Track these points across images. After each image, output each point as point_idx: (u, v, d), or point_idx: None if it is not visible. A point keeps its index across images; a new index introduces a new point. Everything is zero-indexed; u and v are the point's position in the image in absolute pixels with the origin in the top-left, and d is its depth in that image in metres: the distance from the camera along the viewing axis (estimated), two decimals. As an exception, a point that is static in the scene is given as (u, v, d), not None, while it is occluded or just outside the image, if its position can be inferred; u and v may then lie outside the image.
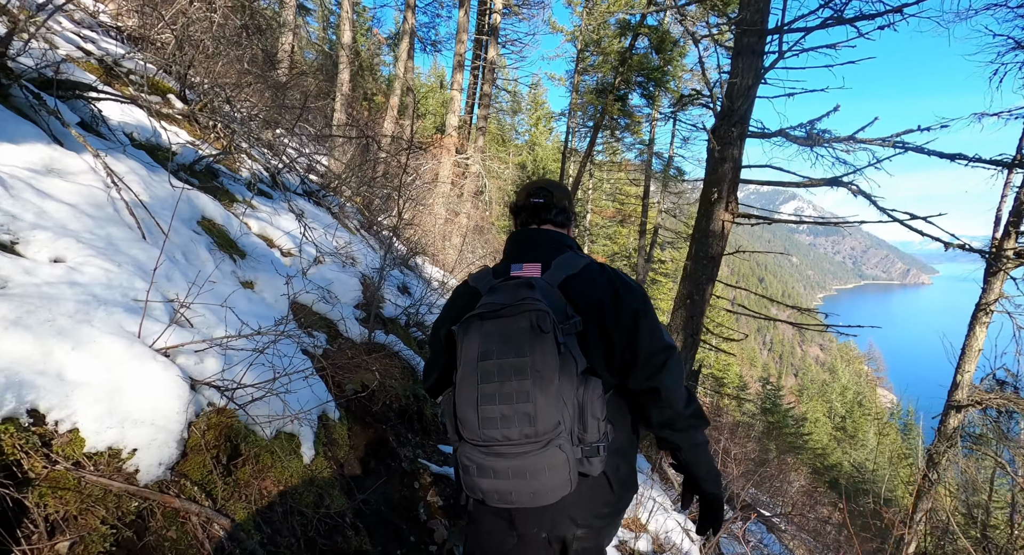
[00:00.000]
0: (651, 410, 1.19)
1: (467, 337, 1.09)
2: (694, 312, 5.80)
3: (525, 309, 1.07)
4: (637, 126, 10.55)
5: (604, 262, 1.33)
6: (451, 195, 12.18)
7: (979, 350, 6.65)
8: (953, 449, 6.72)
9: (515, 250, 1.34)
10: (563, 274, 1.21)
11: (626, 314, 1.17)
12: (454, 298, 1.36)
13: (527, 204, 1.39)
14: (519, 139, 33.26)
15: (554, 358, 1.04)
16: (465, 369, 1.07)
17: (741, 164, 5.51)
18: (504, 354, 1.04)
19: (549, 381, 1.02)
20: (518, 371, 1.02)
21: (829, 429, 30.91)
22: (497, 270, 1.30)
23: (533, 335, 1.04)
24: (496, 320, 1.08)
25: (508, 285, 1.16)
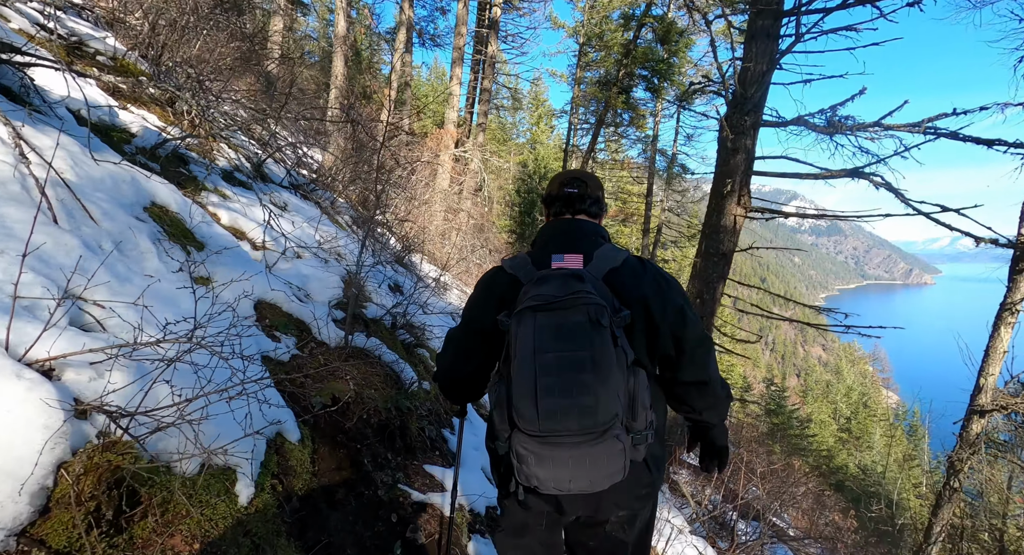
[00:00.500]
0: (696, 398, 1.28)
1: (521, 329, 1.06)
2: (704, 312, 5.47)
3: (581, 302, 1.06)
4: (641, 120, 10.23)
5: (639, 255, 1.39)
6: (450, 192, 11.87)
7: (1004, 352, 6.31)
8: (976, 456, 6.38)
9: (553, 240, 1.30)
10: (606, 266, 1.20)
11: (672, 310, 1.19)
12: (490, 283, 1.29)
13: (561, 194, 1.36)
14: (520, 138, 32.96)
15: (612, 352, 1.04)
16: (522, 362, 1.04)
17: (754, 155, 5.19)
18: (563, 348, 1.03)
19: (608, 374, 1.02)
20: (578, 364, 1.01)
21: (834, 430, 30.48)
22: (535, 259, 1.25)
23: (592, 329, 1.04)
24: (550, 313, 1.06)
25: (556, 276, 1.12)
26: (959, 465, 6.66)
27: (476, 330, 1.27)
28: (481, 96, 13.37)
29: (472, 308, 1.31)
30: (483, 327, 1.24)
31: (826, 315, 4.89)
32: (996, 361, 6.44)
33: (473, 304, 1.31)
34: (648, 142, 15.55)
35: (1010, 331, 6.37)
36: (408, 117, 12.51)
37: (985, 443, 6.43)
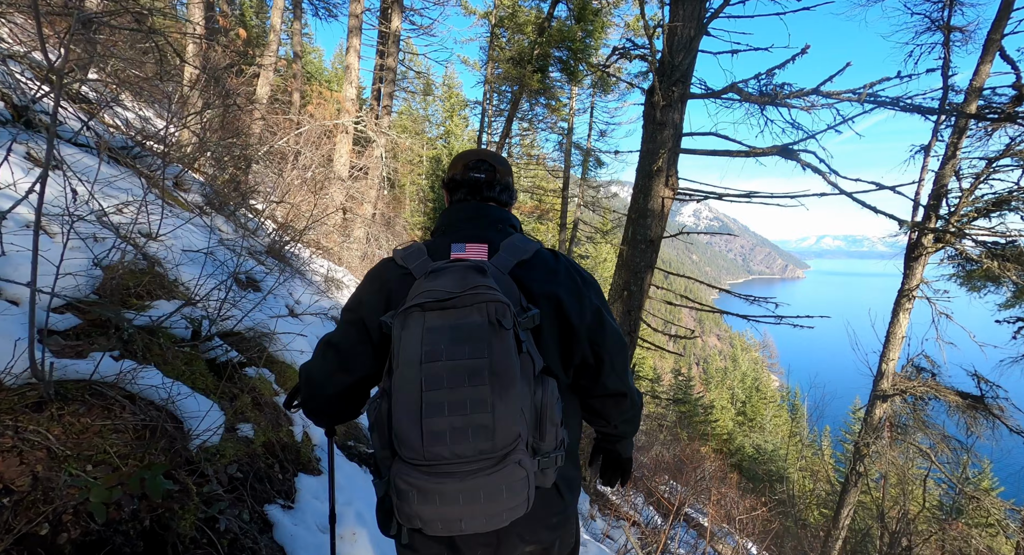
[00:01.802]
0: (614, 411, 1.15)
1: (406, 332, 0.87)
2: (632, 306, 4.92)
3: (480, 300, 0.87)
4: (557, 104, 9.73)
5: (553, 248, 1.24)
6: (350, 180, 10.54)
7: (903, 337, 6.53)
8: (880, 440, 6.55)
9: (456, 226, 1.11)
10: (514, 259, 1.02)
11: (589, 311, 1.04)
12: (377, 277, 1.06)
13: (467, 178, 1.16)
14: (433, 131, 31.72)
15: (515, 359, 0.87)
16: (405, 372, 0.85)
17: (682, 131, 4.71)
18: (456, 354, 0.84)
19: (509, 386, 0.84)
20: (473, 375, 0.83)
21: (732, 415, 32.88)
22: (433, 249, 1.05)
23: (491, 331, 0.86)
24: (443, 312, 0.87)
25: (454, 268, 0.93)
26: (864, 450, 6.82)
27: (358, 333, 1.04)
28: (385, 75, 12.13)
29: (354, 307, 1.06)
30: (367, 330, 1.02)
31: (759, 304, 4.54)
32: (896, 346, 6.65)
33: (356, 302, 1.07)
34: (564, 135, 15.24)
35: (908, 317, 6.61)
36: (297, 92, 10.95)
37: (888, 427, 6.63)
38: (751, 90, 3.94)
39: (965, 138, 5.89)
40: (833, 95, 3.56)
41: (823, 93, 3.59)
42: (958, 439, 6.21)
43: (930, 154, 6.32)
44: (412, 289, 0.93)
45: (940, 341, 6.21)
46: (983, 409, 5.92)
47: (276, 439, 1.79)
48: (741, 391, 36.03)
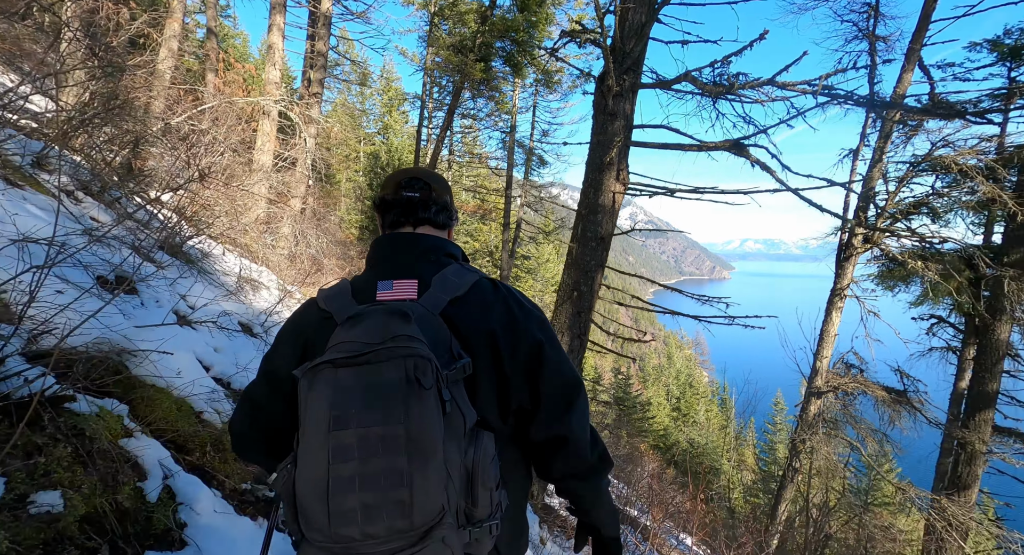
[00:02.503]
0: (554, 461, 0.97)
1: (314, 393, 0.75)
2: (582, 307, 4.62)
3: (398, 354, 0.75)
4: (501, 97, 9.37)
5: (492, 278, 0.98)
6: (272, 170, 9.60)
7: (835, 335, 6.75)
8: (815, 436, 6.73)
9: (383, 261, 0.99)
10: (446, 296, 0.90)
11: (525, 348, 0.91)
12: (296, 323, 0.96)
13: (399, 198, 1.03)
14: (371, 127, 30.46)
15: (438, 421, 0.74)
16: (310, 440, 0.73)
17: (633, 122, 4.49)
18: (367, 420, 0.72)
19: (431, 454, 0.72)
20: (388, 444, 0.71)
21: (668, 411, 34.14)
22: (359, 286, 0.94)
23: (409, 392, 0.73)
24: (356, 369, 0.75)
25: (374, 314, 0.82)
26: (800, 446, 6.99)
27: (271, 387, 0.93)
28: (316, 60, 11.23)
29: (270, 355, 0.96)
30: (280, 383, 0.91)
31: (712, 304, 4.40)
32: (829, 344, 6.86)
33: (273, 350, 0.96)
34: (507, 133, 14.93)
35: (840, 315, 6.84)
36: (212, 73, 9.85)
37: (822, 422, 6.83)
38: (706, 79, 3.76)
39: (890, 143, 6.16)
40: (789, 86, 3.45)
41: (778, 84, 3.46)
42: (883, 432, 6.48)
43: (858, 158, 6.57)
44: (332, 338, 0.82)
45: (868, 338, 6.46)
46: (906, 403, 6.20)
47: (112, 504, 1.25)
48: (676, 387, 37.54)
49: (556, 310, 4.79)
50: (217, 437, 2.03)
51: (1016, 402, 6.52)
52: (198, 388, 2.13)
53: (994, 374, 6.37)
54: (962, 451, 6.52)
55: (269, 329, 4.03)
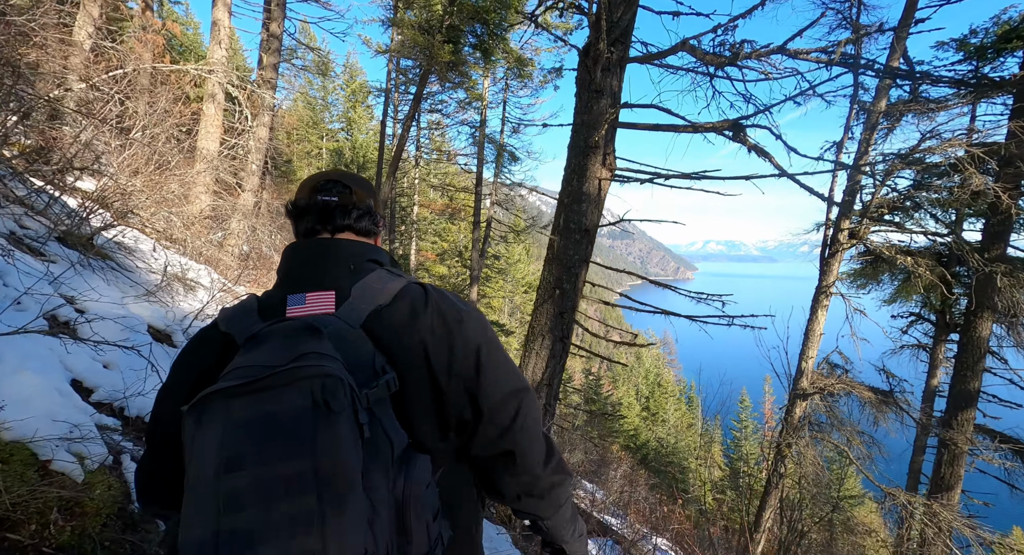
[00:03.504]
0: (503, 478, 0.87)
1: (201, 431, 0.62)
2: (565, 307, 4.13)
3: (301, 375, 0.63)
4: (471, 84, 8.81)
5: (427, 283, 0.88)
6: (220, 159, 8.74)
7: (821, 335, 6.51)
8: (802, 440, 6.47)
9: (295, 272, 0.85)
10: (368, 306, 0.78)
11: (461, 355, 0.80)
12: (190, 350, 0.83)
13: (314, 203, 0.90)
14: (335, 123, 29.33)
15: (354, 450, 0.63)
16: (196, 489, 0.60)
17: (621, 101, 4.03)
18: (265, 458, 0.59)
19: (347, 490, 0.61)
20: (291, 485, 0.59)
21: (638, 410, 34.24)
22: (266, 303, 0.82)
23: (316, 419, 0.62)
24: (253, 397, 0.62)
25: (278, 332, 0.71)
26: (785, 450, 6.73)
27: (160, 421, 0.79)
28: (270, 44, 10.39)
29: (161, 389, 0.81)
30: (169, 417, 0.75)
31: (708, 303, 3.98)
32: (814, 344, 6.62)
33: (166, 381, 0.81)
34: (476, 128, 14.38)
35: (825, 313, 6.61)
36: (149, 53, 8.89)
37: (808, 425, 6.59)
38: (705, 48, 3.33)
39: (876, 134, 5.96)
40: (801, 54, 3.06)
41: (789, 52, 3.07)
42: (870, 435, 6.28)
43: (842, 151, 6.36)
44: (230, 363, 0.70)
45: (855, 337, 6.25)
46: (892, 403, 6.01)
47: None
48: (645, 387, 37.71)
49: (536, 311, 4.28)
50: (72, 498, 1.41)
51: (997, 400, 6.45)
52: (50, 425, 1.51)
53: (976, 372, 6.26)
54: (944, 451, 6.39)
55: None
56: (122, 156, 5.14)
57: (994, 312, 5.96)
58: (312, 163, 28.54)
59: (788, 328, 7.59)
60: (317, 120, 28.36)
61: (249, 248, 9.80)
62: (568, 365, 31.62)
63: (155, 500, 0.82)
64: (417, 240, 21.08)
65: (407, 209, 20.79)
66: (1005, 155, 5.23)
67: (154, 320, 3.10)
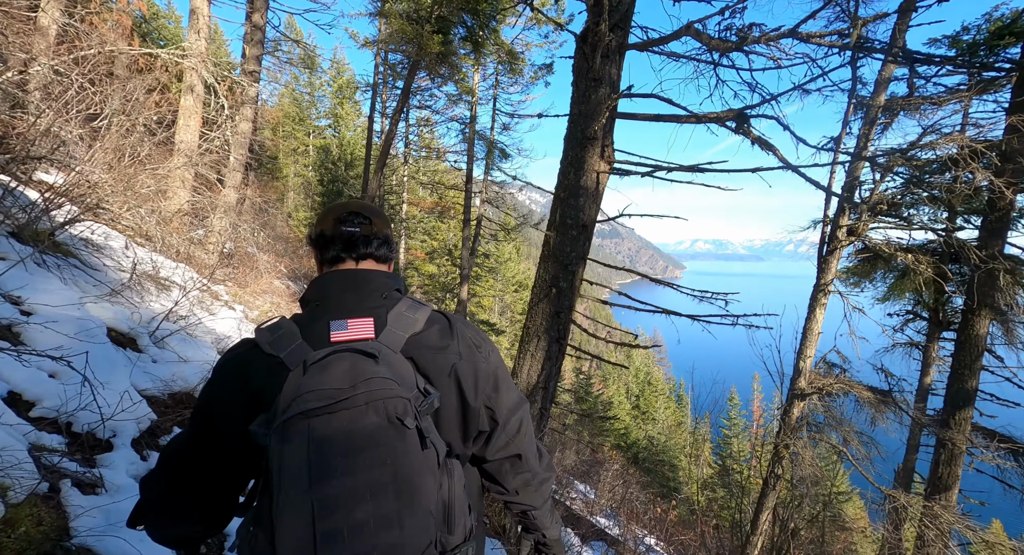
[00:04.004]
0: (508, 475, 1.06)
1: (288, 447, 0.70)
2: (561, 306, 3.92)
3: (376, 397, 0.74)
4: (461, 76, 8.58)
5: (440, 310, 1.00)
6: (198, 154, 8.40)
7: (819, 333, 6.40)
8: (800, 440, 6.35)
9: (332, 299, 0.93)
10: (405, 333, 0.89)
11: (486, 378, 0.97)
12: (239, 370, 0.86)
13: (339, 233, 0.99)
14: (322, 120, 28.85)
15: (420, 458, 0.75)
16: (288, 498, 0.68)
17: (620, 90, 3.84)
18: (352, 468, 0.70)
19: (417, 492, 0.73)
20: (376, 489, 0.70)
21: (628, 409, 34.23)
22: (307, 328, 0.87)
23: (393, 433, 0.73)
24: (331, 417, 0.72)
25: (339, 358, 0.78)
26: (783, 451, 6.61)
27: (215, 446, 0.84)
28: (253, 35, 10.05)
29: (207, 409, 0.85)
30: (229, 440, 0.81)
31: (711, 301, 3.81)
32: (812, 343, 6.50)
33: (209, 403, 0.85)
34: (466, 124, 14.13)
35: (823, 312, 6.49)
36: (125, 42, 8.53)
37: (806, 426, 6.47)
38: (711, 32, 3.15)
39: (875, 129, 5.84)
40: (814, 38, 2.89)
41: (801, 35, 2.89)
42: (868, 435, 6.18)
43: (840, 146, 6.24)
44: (287, 385, 0.76)
45: (853, 336, 6.14)
46: (891, 403, 5.91)
47: None
48: (635, 385, 37.76)
49: (531, 310, 4.07)
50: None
51: (995, 400, 6.39)
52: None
53: (973, 371, 6.19)
54: (942, 451, 6.31)
55: (163, 340, 3.09)
56: (90, 146, 4.83)
57: (992, 310, 5.88)
58: (299, 160, 28.05)
59: (780, 326, 7.48)
60: (304, 116, 27.86)
61: (233, 246, 9.47)
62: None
63: (168, 525, 0.87)
64: (406, 239, 20.77)
65: (396, 207, 20.46)
66: (1005, 150, 5.14)
67: (117, 322, 2.83)
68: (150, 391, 2.46)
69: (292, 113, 27.43)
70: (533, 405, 4.03)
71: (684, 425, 37.78)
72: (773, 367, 7.21)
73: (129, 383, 2.24)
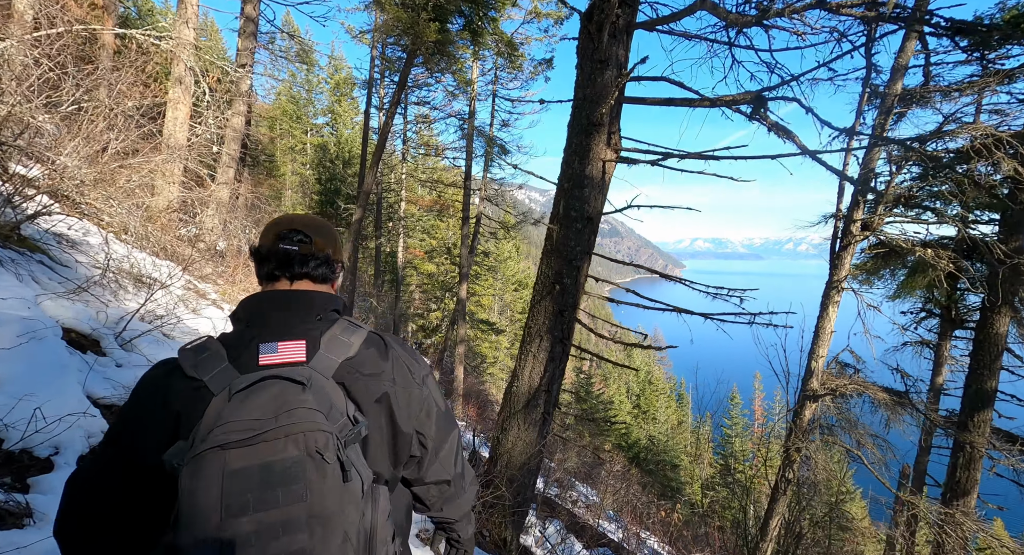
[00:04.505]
0: (433, 498, 1.08)
1: (199, 481, 0.67)
2: (565, 304, 3.67)
3: (297, 429, 0.71)
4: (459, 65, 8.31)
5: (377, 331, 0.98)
6: (187, 148, 8.14)
7: (832, 332, 6.14)
8: (812, 444, 6.10)
9: (264, 319, 0.89)
10: (338, 358, 0.86)
11: (419, 404, 0.95)
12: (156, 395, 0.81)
13: (276, 250, 0.96)
14: (319, 118, 28.58)
15: (339, 492, 0.72)
16: (197, 534, 0.65)
17: (628, 72, 3.58)
18: (266, 503, 0.67)
19: (334, 528, 0.71)
20: (288, 525, 0.67)
21: (629, 408, 33.97)
22: (234, 349, 0.83)
23: (311, 467, 0.70)
24: (250, 449, 0.69)
25: (265, 386, 0.75)
26: (795, 455, 6.36)
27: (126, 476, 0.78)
28: (245, 27, 9.79)
29: (119, 438, 0.80)
30: (140, 470, 0.77)
31: (725, 298, 3.55)
32: (825, 342, 6.24)
33: (122, 431, 0.80)
34: (465, 120, 13.86)
35: (836, 309, 6.23)
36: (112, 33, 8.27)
37: (818, 428, 6.22)
38: (728, 6, 2.90)
39: (891, 119, 5.59)
40: (844, 7, 2.63)
41: (830, 6, 2.64)
42: (883, 438, 5.94)
43: (854, 137, 5.98)
44: (208, 413, 0.73)
45: (868, 334, 5.88)
46: (909, 405, 5.66)
47: None
48: (636, 385, 37.50)
49: (533, 308, 3.81)
50: None
51: (1016, 401, 6.15)
52: None
53: (993, 371, 5.94)
54: (960, 454, 6.07)
55: (131, 342, 2.84)
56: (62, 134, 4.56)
57: (1013, 308, 5.64)
58: (296, 159, 27.78)
59: (786, 325, 7.23)
60: (301, 114, 27.60)
61: (225, 244, 9.20)
62: (559, 364, 30.56)
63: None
64: (405, 237, 20.50)
65: (395, 205, 20.21)
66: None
67: (77, 323, 2.58)
68: (109, 399, 2.21)
69: (289, 110, 27.18)
70: (536, 409, 3.78)
71: (685, 424, 37.55)
72: (779, 367, 6.97)
73: (82, 390, 1.99)
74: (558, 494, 8.60)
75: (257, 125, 19.30)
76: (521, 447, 3.81)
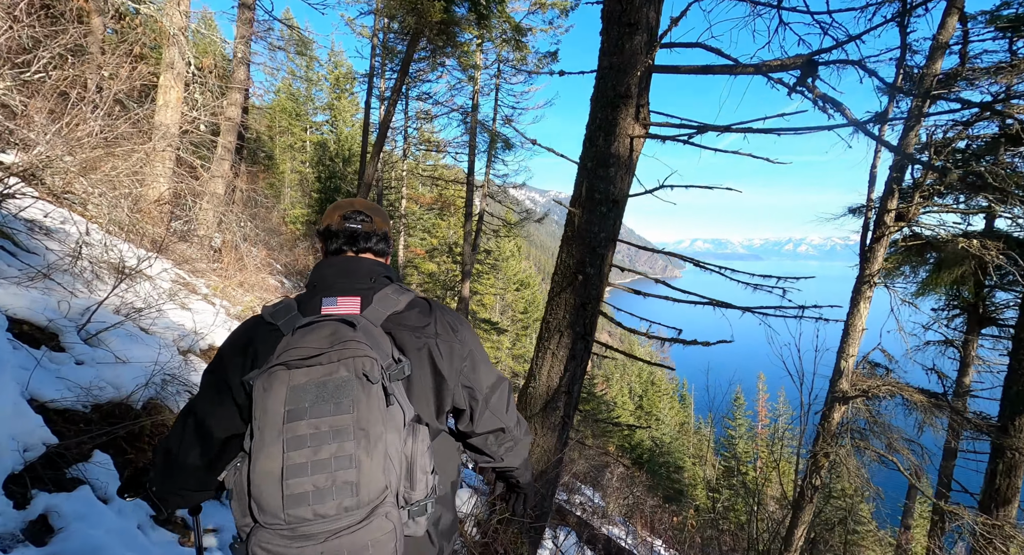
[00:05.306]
0: (493, 447, 1.22)
1: (269, 393, 0.83)
2: (588, 296, 3.30)
3: (348, 355, 0.87)
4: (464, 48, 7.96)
5: (427, 296, 1.16)
6: (180, 137, 7.77)
7: (863, 330, 5.77)
8: (842, 449, 5.73)
9: (328, 281, 1.10)
10: (386, 311, 1.05)
11: (461, 358, 1.09)
12: (243, 335, 1.03)
13: (343, 229, 1.16)
14: (319, 115, 28.23)
15: (382, 412, 0.87)
16: (265, 434, 0.81)
17: (658, 38, 3.21)
18: (320, 412, 0.82)
19: (376, 439, 0.84)
20: (338, 432, 0.82)
21: (632, 409, 33.57)
22: (303, 304, 1.05)
23: (358, 386, 0.86)
24: (310, 369, 0.85)
25: (322, 325, 0.94)
26: (822, 460, 5.98)
27: (219, 395, 0.99)
28: (241, 14, 9.44)
29: (216, 367, 1.02)
30: (230, 390, 0.98)
31: (766, 290, 3.18)
32: (855, 341, 5.85)
33: (218, 362, 1.02)
34: (468, 114, 13.49)
35: (868, 305, 5.86)
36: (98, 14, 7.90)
37: (848, 432, 5.85)
38: (784, -49, 2.53)
39: (929, 103, 5.22)
40: (926, -53, 2.25)
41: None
42: (919, 442, 5.57)
43: (887, 123, 5.62)
44: (280, 346, 0.90)
45: (902, 332, 5.51)
46: (947, 407, 5.29)
47: None
48: (638, 385, 37.10)
49: (551, 301, 3.44)
50: None
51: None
52: None
53: (1035, 371, 5.56)
54: (1000, 460, 5.69)
55: (97, 335, 2.46)
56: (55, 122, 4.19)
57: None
58: (295, 156, 27.39)
59: (800, 324, 6.86)
60: (301, 111, 27.22)
61: (221, 238, 8.82)
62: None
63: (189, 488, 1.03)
64: (406, 236, 20.13)
65: (395, 203, 19.83)
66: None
67: (31, 313, 2.21)
68: (61, 403, 1.84)
69: (289, 107, 26.80)
70: (555, 413, 3.41)
71: (687, 426, 37.16)
72: (793, 368, 6.59)
73: (20, 393, 1.62)
74: (567, 500, 8.24)
75: (259, 123, 18.95)
76: (539, 454, 3.44)
